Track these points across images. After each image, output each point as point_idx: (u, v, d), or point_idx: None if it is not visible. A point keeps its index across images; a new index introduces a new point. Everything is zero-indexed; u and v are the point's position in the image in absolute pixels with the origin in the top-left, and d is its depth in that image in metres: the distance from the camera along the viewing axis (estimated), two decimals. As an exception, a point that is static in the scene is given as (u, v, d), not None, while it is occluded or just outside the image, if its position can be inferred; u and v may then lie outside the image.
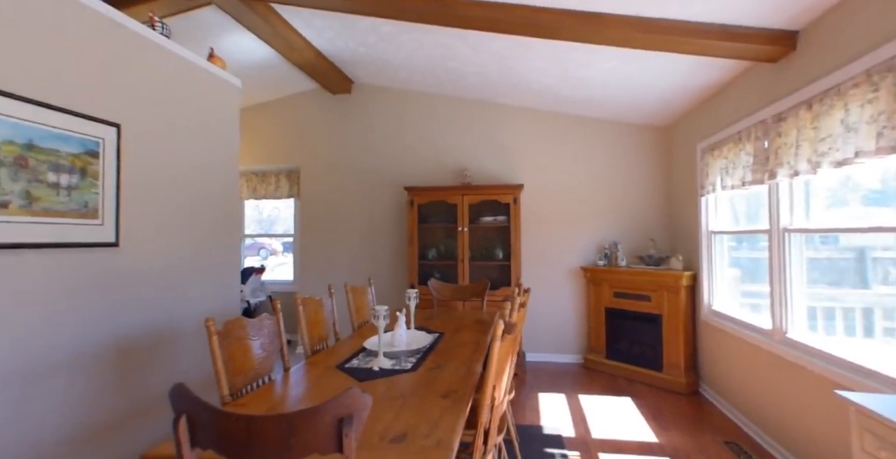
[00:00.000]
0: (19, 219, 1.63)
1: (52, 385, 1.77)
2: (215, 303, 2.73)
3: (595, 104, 4.12)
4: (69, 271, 1.85)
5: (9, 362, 1.62)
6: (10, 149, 1.60)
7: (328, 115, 4.99)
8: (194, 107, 2.57)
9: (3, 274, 1.60)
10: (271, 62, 4.15)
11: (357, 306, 2.75)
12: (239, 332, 1.72)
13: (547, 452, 2.47)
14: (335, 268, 4.92)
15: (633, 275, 3.90)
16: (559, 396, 3.41)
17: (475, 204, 4.27)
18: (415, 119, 4.81)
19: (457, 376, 1.72)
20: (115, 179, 2.03)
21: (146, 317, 2.23)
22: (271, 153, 5.13)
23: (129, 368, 2.12)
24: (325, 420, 0.97)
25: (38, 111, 1.70)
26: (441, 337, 2.39)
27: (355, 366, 1.85)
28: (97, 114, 1.96)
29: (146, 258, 2.24)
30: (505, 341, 1.46)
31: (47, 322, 1.76)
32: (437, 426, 1.27)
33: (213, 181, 2.73)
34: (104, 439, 1.99)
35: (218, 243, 2.76)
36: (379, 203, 4.85)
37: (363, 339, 2.31)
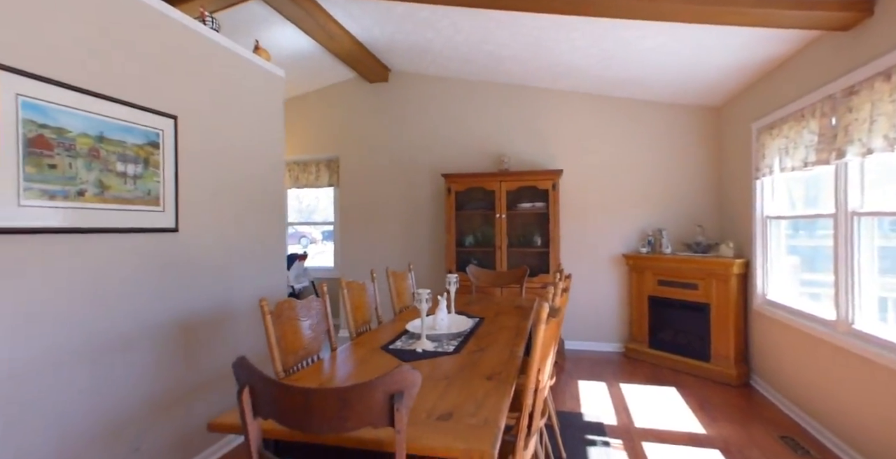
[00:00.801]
0: (94, 205, 1.76)
1: (125, 360, 1.92)
2: (264, 287, 2.86)
3: (639, 85, 3.97)
4: (137, 254, 1.98)
5: (87, 337, 1.77)
6: (84, 140, 1.72)
7: (366, 104, 5.05)
8: (242, 99, 2.67)
9: (82, 257, 1.74)
10: (311, 53, 4.23)
11: (398, 291, 2.81)
12: (289, 313, 1.80)
13: (588, 439, 2.46)
14: (374, 255, 5.02)
15: (678, 263, 3.77)
16: (600, 384, 3.37)
17: (513, 190, 4.23)
18: (452, 106, 4.79)
19: (499, 359, 1.74)
20: (173, 169, 2.15)
21: (204, 298, 2.36)
22: (312, 143, 5.26)
23: (190, 345, 2.26)
24: (377, 396, 1.00)
25: (106, 105, 1.81)
26: (481, 321, 2.41)
27: (399, 348, 1.90)
28: (157, 107, 2.07)
29: (202, 243, 2.36)
30: (550, 324, 1.45)
31: (119, 301, 1.90)
32: (483, 406, 1.30)
33: (259, 170, 2.83)
34: (172, 409, 2.14)
35: (265, 230, 2.88)
36: (416, 190, 4.90)
37: (405, 322, 2.36)
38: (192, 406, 2.27)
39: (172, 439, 2.15)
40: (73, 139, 1.69)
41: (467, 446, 1.07)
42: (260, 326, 2.78)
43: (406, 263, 4.93)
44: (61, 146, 1.65)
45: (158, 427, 2.08)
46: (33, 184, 1.56)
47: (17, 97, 1.50)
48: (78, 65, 1.73)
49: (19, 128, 1.51)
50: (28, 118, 1.54)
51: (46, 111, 1.60)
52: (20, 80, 1.51)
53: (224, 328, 2.50)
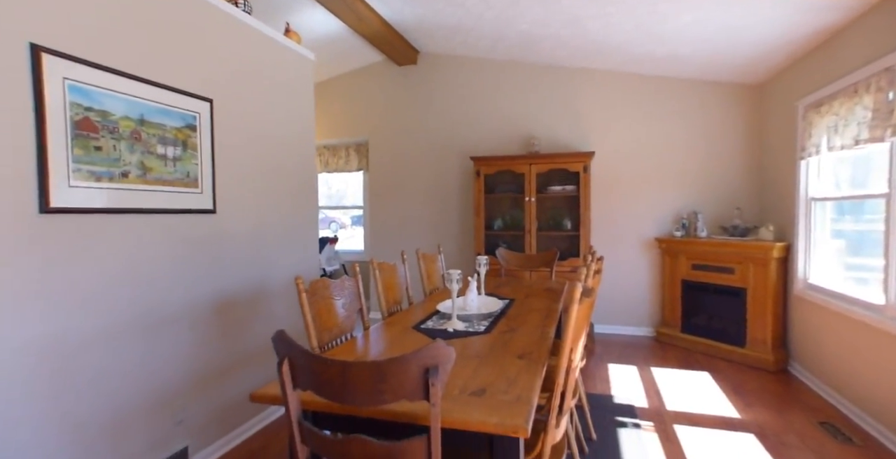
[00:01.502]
0: (137, 187, 1.83)
1: (169, 335, 2.01)
2: (296, 268, 2.93)
3: (676, 62, 3.80)
4: (178, 235, 2.06)
5: (136, 313, 1.86)
6: (126, 123, 1.78)
7: (395, 87, 5.03)
8: (274, 82, 2.70)
9: (126, 236, 1.82)
10: (340, 35, 4.22)
11: (428, 272, 2.83)
12: (324, 292, 1.84)
13: (618, 420, 2.46)
14: (403, 238, 5.06)
15: (714, 247, 3.66)
16: (630, 368, 3.34)
17: (543, 173, 4.17)
18: (481, 88, 4.72)
19: (530, 339, 1.74)
20: (210, 151, 2.20)
21: (240, 278, 2.44)
22: (341, 127, 5.29)
23: (229, 322, 2.35)
24: (412, 369, 1.02)
25: (145, 88, 1.86)
26: (511, 303, 2.40)
27: (430, 327, 1.93)
28: (193, 90, 2.12)
29: (238, 224, 2.43)
30: (583, 304, 1.44)
31: (162, 279, 1.98)
32: (515, 383, 1.30)
33: (291, 153, 2.87)
34: (212, 383, 2.24)
35: (297, 212, 2.94)
36: (445, 173, 4.88)
37: (435, 303, 2.38)
38: (231, 381, 2.38)
39: (213, 412, 2.26)
40: (116, 122, 1.75)
41: (500, 421, 1.09)
42: (294, 306, 2.86)
43: (434, 246, 4.96)
44: (105, 128, 1.71)
45: (200, 400, 2.18)
46: (81, 166, 1.63)
47: (64, 80, 1.56)
48: (118, 48, 1.78)
49: (67, 110, 1.57)
50: (74, 101, 1.60)
51: (91, 94, 1.65)
52: (66, 64, 1.57)
53: (259, 307, 2.58)
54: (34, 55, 1.47)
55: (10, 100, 1.43)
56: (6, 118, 1.42)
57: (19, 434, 1.47)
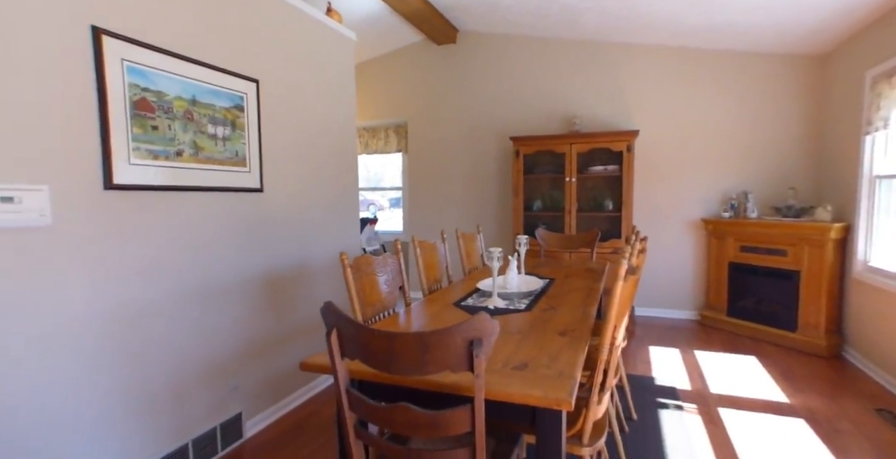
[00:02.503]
0: (191, 165, 1.92)
1: (224, 307, 2.13)
2: (338, 246, 3.01)
3: (730, 32, 3.56)
4: (227, 211, 2.15)
5: (191, 284, 1.97)
6: (180, 103, 1.85)
7: (434, 67, 4.98)
8: (316, 62, 2.73)
9: (181, 213, 1.92)
10: (379, 15, 4.19)
11: (467, 252, 2.84)
12: (367, 268, 1.88)
13: (660, 401, 2.43)
14: (442, 219, 5.09)
15: (765, 228, 3.48)
16: (672, 350, 3.27)
17: (584, 153, 4.06)
18: (522, 66, 4.60)
19: (572, 317, 1.73)
20: (257, 131, 2.27)
21: (286, 254, 2.53)
22: (381, 108, 5.31)
23: (276, 296, 2.46)
24: (456, 341, 1.04)
25: (196, 69, 1.93)
26: (552, 282, 2.39)
27: (471, 305, 1.94)
28: (240, 71, 2.17)
29: (283, 203, 2.51)
30: (628, 282, 1.41)
31: (214, 253, 2.09)
32: (557, 359, 1.31)
33: (333, 133, 2.92)
34: (262, 354, 2.36)
35: (339, 192, 3.00)
36: (484, 154, 4.84)
37: (475, 281, 2.40)
38: (280, 352, 2.50)
39: (264, 380, 2.39)
40: (170, 102, 1.82)
41: (544, 394, 1.09)
42: (335, 282, 2.95)
43: (473, 227, 4.96)
44: (161, 108, 1.79)
45: (252, 368, 2.31)
46: (140, 145, 1.72)
47: (122, 62, 1.63)
48: (171, 30, 1.84)
49: (126, 91, 1.65)
50: (132, 82, 1.68)
51: (147, 75, 1.73)
52: (124, 46, 1.64)
53: (303, 283, 2.68)
54: (96, 37, 1.54)
55: (76, 82, 1.52)
56: (74, 100, 1.51)
57: (94, 392, 1.61)
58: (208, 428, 2.04)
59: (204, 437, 2.02)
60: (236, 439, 2.19)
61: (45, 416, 1.46)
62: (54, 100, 1.46)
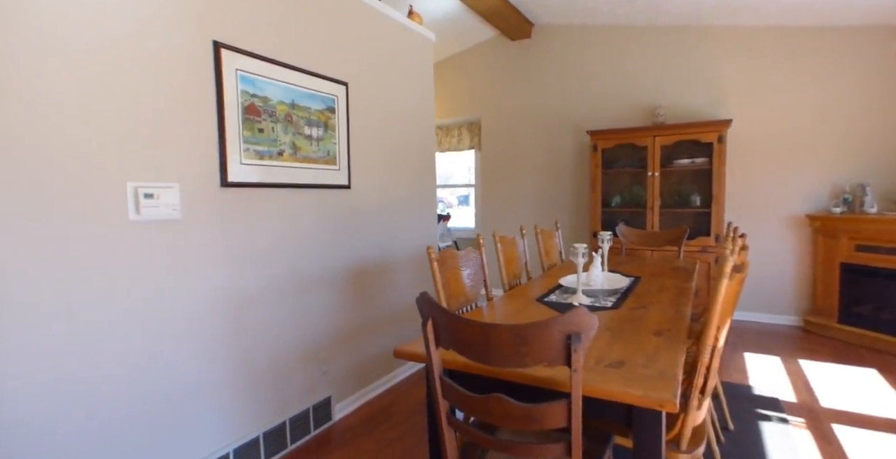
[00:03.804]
0: (290, 164, 2.07)
1: (316, 296, 2.28)
2: (418, 242, 3.09)
3: (841, 4, 3.17)
4: (321, 207, 2.30)
5: (289, 274, 2.13)
6: (282, 108, 2.01)
7: (507, 63, 4.94)
8: (398, 63, 2.82)
9: (281, 208, 2.08)
10: (453, 14, 4.24)
11: (546, 248, 2.80)
12: (451, 262, 1.92)
13: (760, 413, 2.24)
14: (515, 216, 5.05)
15: (889, 224, 3.08)
16: (772, 358, 3.00)
17: (668, 145, 3.83)
18: (600, 57, 4.43)
19: (665, 317, 1.65)
20: (345, 131, 2.40)
21: (370, 248, 2.65)
22: (453, 106, 5.38)
23: (361, 288, 2.59)
24: (553, 335, 1.03)
25: (295, 75, 2.08)
26: (638, 280, 2.29)
27: (554, 301, 1.92)
28: (332, 75, 2.31)
29: (368, 199, 2.63)
30: (733, 280, 1.32)
31: (309, 246, 2.24)
32: (655, 359, 1.26)
33: (413, 132, 3.01)
34: (349, 342, 2.50)
35: (418, 189, 3.08)
36: (559, 149, 4.73)
37: (555, 278, 2.36)
38: (365, 341, 2.62)
39: (351, 368, 2.52)
40: (273, 106, 1.98)
41: (645, 393, 1.06)
42: (416, 275, 3.05)
43: (546, 224, 4.88)
44: (266, 112, 1.95)
45: (340, 356, 2.45)
46: (249, 146, 1.88)
47: (236, 72, 1.80)
48: (274, 40, 2.00)
49: (238, 98, 1.82)
50: (243, 89, 1.84)
51: (255, 82, 1.89)
52: (238, 57, 1.81)
53: (386, 276, 2.79)
54: (216, 51, 1.72)
55: (200, 92, 1.70)
56: (199, 107, 1.69)
57: (214, 368, 1.80)
58: (302, 409, 2.20)
59: (299, 417, 2.18)
60: (326, 421, 2.34)
61: (183, 386, 1.66)
62: (184, 109, 1.65)
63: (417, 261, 3.08)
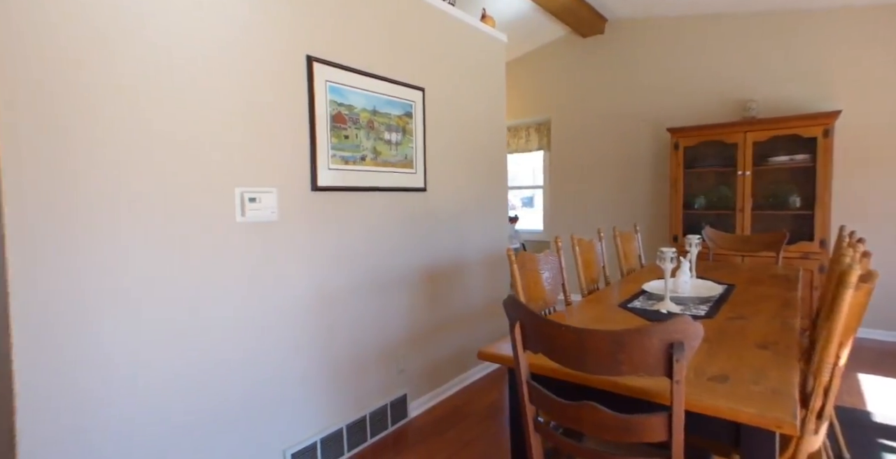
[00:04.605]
0: (371, 168, 2.15)
1: (393, 296, 2.34)
2: (489, 244, 3.09)
3: None
4: (398, 209, 2.36)
5: (369, 274, 2.21)
6: (364, 115, 2.09)
7: (578, 61, 4.81)
8: (471, 66, 2.84)
9: (362, 211, 2.16)
10: (525, 14, 4.20)
11: (625, 252, 2.68)
12: (531, 264, 1.90)
13: (883, 443, 1.98)
14: (585, 218, 4.89)
15: None
16: (893, 382, 2.65)
17: (762, 142, 3.52)
18: (680, 50, 4.18)
19: (770, 329, 1.51)
20: (422, 135, 2.45)
21: (444, 251, 2.69)
22: (522, 108, 5.32)
23: (436, 289, 2.62)
24: (653, 343, 0.98)
25: (376, 83, 2.16)
26: (732, 288, 2.12)
27: (638, 307, 1.83)
28: (410, 81, 2.37)
29: (442, 202, 2.67)
30: (860, 291, 1.19)
31: (386, 248, 2.31)
32: (764, 375, 1.15)
33: (485, 134, 3.01)
34: (423, 342, 2.54)
35: (489, 191, 3.08)
36: (635, 148, 4.52)
37: (637, 283, 2.25)
38: (438, 342, 2.66)
39: (425, 367, 2.56)
40: (357, 114, 2.07)
41: (759, 412, 0.97)
42: (488, 277, 3.04)
43: (619, 226, 4.67)
44: (351, 120, 2.04)
45: (415, 355, 2.50)
46: (336, 152, 1.98)
47: (326, 83, 1.90)
48: (357, 50, 2.09)
49: (327, 107, 1.92)
50: (332, 99, 1.94)
51: (342, 92, 1.98)
52: (327, 69, 1.91)
53: (459, 276, 2.81)
54: (309, 65, 1.83)
55: (295, 103, 1.82)
56: (294, 117, 1.81)
57: (301, 360, 1.90)
58: (380, 405, 2.27)
59: (377, 412, 2.24)
60: (402, 418, 2.39)
61: (279, 377, 1.78)
62: (282, 120, 1.77)
63: (489, 263, 3.07)
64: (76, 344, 1.29)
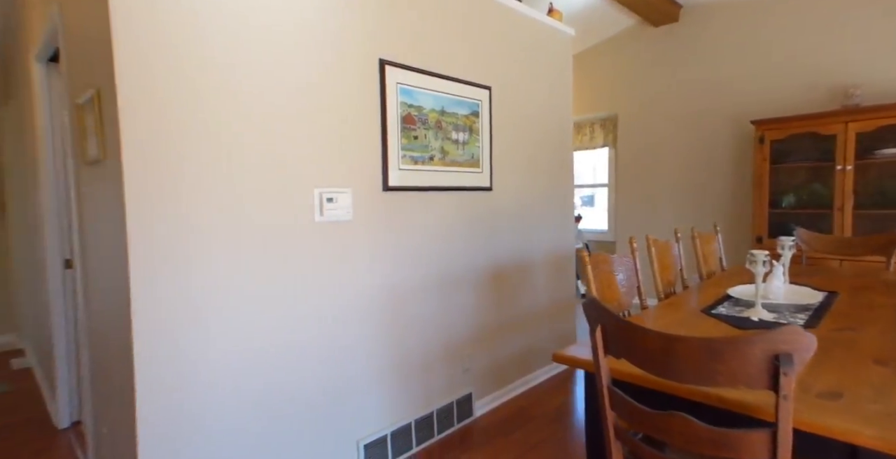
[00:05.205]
0: (439, 168, 2.17)
1: (457, 295, 2.35)
2: (555, 244, 3.02)
3: None
4: (464, 209, 2.37)
5: (435, 273, 2.23)
6: (433, 115, 2.11)
7: (649, 52, 4.57)
8: (537, 62, 2.79)
9: (430, 210, 2.19)
10: (589, 4, 4.06)
11: (704, 254, 2.51)
12: (604, 265, 1.83)
13: None
14: (654, 218, 4.65)
15: None
16: None
17: (867, 132, 3.16)
18: (766, 34, 3.85)
19: (887, 343, 1.35)
20: (488, 134, 2.43)
21: (509, 250, 2.66)
22: (587, 103, 5.15)
23: (500, 288, 2.60)
24: (755, 353, 0.91)
25: (445, 83, 2.17)
26: (834, 296, 1.92)
27: (724, 314, 1.70)
28: (477, 80, 2.37)
29: (507, 201, 2.64)
30: None
31: (452, 247, 2.32)
32: (885, 393, 1.03)
33: (550, 131, 2.94)
34: (487, 342, 2.53)
35: (555, 189, 3.00)
36: (711, 143, 4.23)
37: (720, 288, 2.10)
38: (502, 341, 2.63)
39: (488, 366, 2.55)
40: (426, 114, 2.09)
41: (882, 434, 0.87)
42: (553, 277, 2.97)
43: (691, 226, 4.39)
44: (419, 121, 2.06)
45: (479, 354, 2.49)
46: (406, 153, 2.01)
47: (397, 85, 1.94)
48: (426, 51, 2.11)
49: (398, 109, 1.96)
50: (402, 100, 1.98)
51: (412, 93, 2.02)
52: (398, 71, 1.95)
53: (523, 276, 2.77)
54: (381, 68, 1.87)
55: (368, 106, 1.87)
56: (367, 119, 1.87)
57: (372, 354, 1.96)
58: (447, 402, 2.28)
59: (444, 409, 2.26)
60: (467, 416, 2.39)
61: (354, 371, 1.85)
62: (357, 122, 1.83)
63: (554, 263, 3.00)
64: (186, 335, 1.40)
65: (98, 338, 1.70)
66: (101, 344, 1.67)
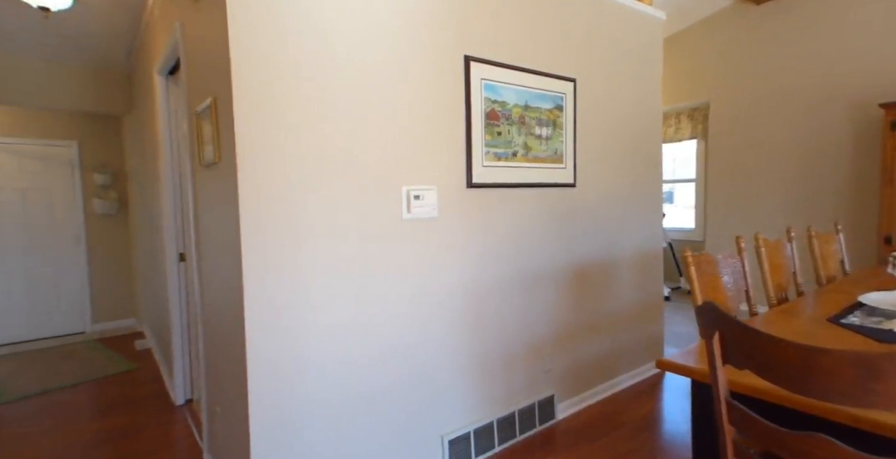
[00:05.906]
0: (522, 164, 2.12)
1: (538, 293, 2.28)
2: (641, 242, 2.84)
3: None
4: (547, 206, 2.29)
5: (515, 271, 2.18)
6: (516, 110, 2.07)
7: (748, 34, 4.17)
8: (625, 50, 2.63)
9: (511, 207, 2.14)
10: (681, -14, 3.77)
11: (823, 255, 2.24)
12: (707, 267, 1.68)
13: None
14: (752, 215, 4.24)
15: None
16: None
17: None
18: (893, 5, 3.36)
19: None
20: (572, 129, 2.34)
21: (592, 248, 2.54)
22: (673, 92, 4.82)
23: (583, 287, 2.50)
24: (926, 373, 0.77)
25: (528, 77, 2.12)
26: None
27: (858, 324, 1.49)
28: (561, 73, 2.28)
29: (592, 198, 2.52)
30: None
31: (534, 244, 2.25)
32: None
33: (637, 123, 2.77)
34: (569, 342, 2.44)
35: (642, 185, 2.83)
36: (823, 132, 3.77)
37: (847, 294, 1.85)
38: (586, 342, 2.52)
39: (570, 368, 2.46)
40: (510, 110, 2.05)
41: None
42: (640, 277, 2.81)
43: (794, 225, 3.95)
44: (503, 116, 2.02)
45: (561, 355, 2.40)
46: (489, 149, 1.98)
47: (481, 81, 1.92)
48: (509, 45, 2.06)
49: (482, 105, 1.94)
50: (486, 96, 1.95)
51: (495, 88, 1.98)
52: (482, 67, 1.92)
53: (608, 276, 2.63)
54: (466, 64, 1.86)
55: (452, 102, 1.86)
56: (452, 116, 1.86)
57: (452, 349, 1.95)
58: (528, 403, 2.23)
59: (526, 410, 2.21)
60: (549, 418, 2.32)
61: (436, 367, 1.86)
62: (442, 118, 1.84)
63: (641, 263, 2.83)
64: (294, 327, 1.48)
65: (211, 326, 1.85)
66: (214, 331, 1.81)
